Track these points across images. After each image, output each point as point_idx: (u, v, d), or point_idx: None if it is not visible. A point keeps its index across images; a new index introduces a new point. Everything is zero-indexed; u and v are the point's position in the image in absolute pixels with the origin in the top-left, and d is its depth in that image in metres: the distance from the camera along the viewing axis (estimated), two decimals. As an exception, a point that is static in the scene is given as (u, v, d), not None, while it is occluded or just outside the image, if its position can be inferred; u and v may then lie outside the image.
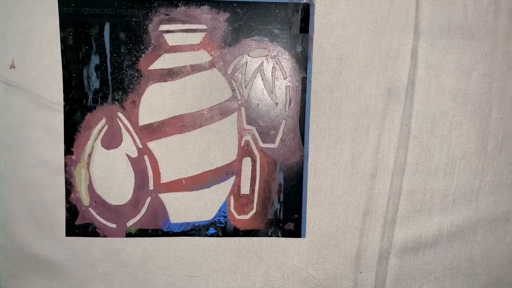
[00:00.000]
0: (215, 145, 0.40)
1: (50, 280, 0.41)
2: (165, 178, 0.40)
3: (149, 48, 0.38)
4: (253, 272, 0.41)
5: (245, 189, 0.40)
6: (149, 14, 0.38)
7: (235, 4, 0.38)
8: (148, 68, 0.38)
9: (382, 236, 0.42)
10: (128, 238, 0.40)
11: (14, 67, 0.38)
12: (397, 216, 0.41)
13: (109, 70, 0.38)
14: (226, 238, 0.41)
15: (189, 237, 0.41)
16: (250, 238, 0.41)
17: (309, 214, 0.41)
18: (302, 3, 0.38)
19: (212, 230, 0.41)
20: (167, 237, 0.41)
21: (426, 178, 0.41)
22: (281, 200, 0.40)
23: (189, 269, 0.41)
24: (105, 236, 0.40)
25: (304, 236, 0.41)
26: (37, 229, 0.40)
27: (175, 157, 0.40)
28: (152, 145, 0.39)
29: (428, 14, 0.39)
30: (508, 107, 0.41)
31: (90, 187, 0.39)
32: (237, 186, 0.40)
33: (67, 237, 0.40)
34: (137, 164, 0.39)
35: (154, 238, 0.40)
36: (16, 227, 0.40)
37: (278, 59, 0.39)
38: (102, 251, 0.41)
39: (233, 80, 0.39)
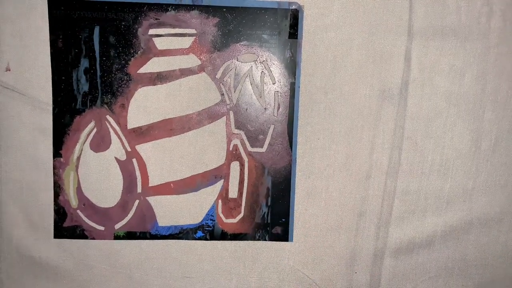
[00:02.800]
0: (204, 149, 0.40)
1: (47, 282, 0.41)
2: (153, 181, 0.40)
3: (139, 51, 0.38)
4: (248, 273, 0.42)
5: (233, 193, 0.40)
6: (139, 18, 0.38)
7: (224, 9, 0.38)
8: (137, 72, 0.39)
9: (376, 236, 0.42)
10: (124, 240, 0.40)
11: (9, 70, 0.38)
12: (391, 216, 0.42)
13: (98, 73, 0.38)
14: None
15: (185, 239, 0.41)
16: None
17: (303, 215, 0.41)
18: (291, 9, 0.39)
19: (200, 234, 0.41)
20: (164, 239, 0.41)
21: (420, 179, 0.41)
22: (269, 204, 0.41)
23: (185, 270, 0.41)
24: (93, 238, 0.40)
25: (292, 240, 0.41)
26: (33, 231, 0.40)
27: (163, 160, 0.40)
28: (140, 148, 0.39)
29: (421, 16, 0.39)
30: (501, 108, 0.41)
31: (79, 190, 0.40)
32: (225, 190, 0.40)
33: (64, 240, 0.40)
34: (125, 167, 0.40)
35: (150, 240, 0.41)
36: (13, 229, 0.40)
37: (267, 64, 0.39)
38: (98, 253, 0.41)
39: (222, 84, 0.39)
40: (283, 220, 0.41)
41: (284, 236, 0.41)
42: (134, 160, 0.39)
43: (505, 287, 0.44)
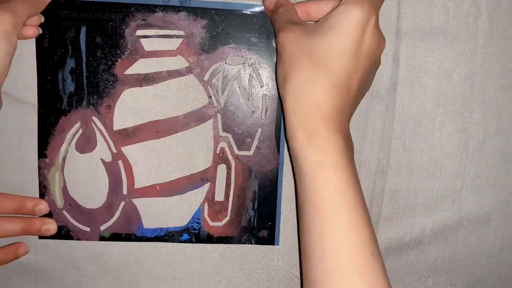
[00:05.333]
0: (190, 152, 0.40)
1: (35, 283, 0.41)
2: (139, 184, 0.40)
3: (125, 52, 0.38)
4: (238, 274, 0.42)
5: (219, 196, 0.40)
6: (126, 18, 0.38)
7: (213, 11, 0.38)
8: (124, 73, 0.38)
9: (366, 237, 0.42)
10: (113, 241, 0.40)
11: None
12: (380, 216, 0.42)
13: (84, 74, 0.38)
14: None
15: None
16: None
17: (291, 217, 0.41)
18: (280, 12, 0.38)
19: (185, 236, 0.41)
20: (149, 242, 0.41)
21: (408, 179, 0.41)
22: (255, 207, 0.40)
23: (174, 271, 0.41)
24: (79, 239, 0.40)
25: (278, 244, 0.41)
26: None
27: (149, 162, 0.40)
28: (126, 150, 0.39)
29: (409, 17, 0.39)
30: (489, 108, 0.41)
31: (65, 190, 0.39)
32: (211, 193, 0.40)
33: (50, 240, 0.40)
34: (111, 169, 0.39)
35: (136, 241, 0.40)
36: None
37: (255, 67, 0.39)
38: (86, 254, 0.41)
39: (210, 86, 0.39)
40: (270, 223, 0.41)
41: (270, 239, 0.41)
42: (120, 161, 0.39)
43: (493, 286, 0.44)
